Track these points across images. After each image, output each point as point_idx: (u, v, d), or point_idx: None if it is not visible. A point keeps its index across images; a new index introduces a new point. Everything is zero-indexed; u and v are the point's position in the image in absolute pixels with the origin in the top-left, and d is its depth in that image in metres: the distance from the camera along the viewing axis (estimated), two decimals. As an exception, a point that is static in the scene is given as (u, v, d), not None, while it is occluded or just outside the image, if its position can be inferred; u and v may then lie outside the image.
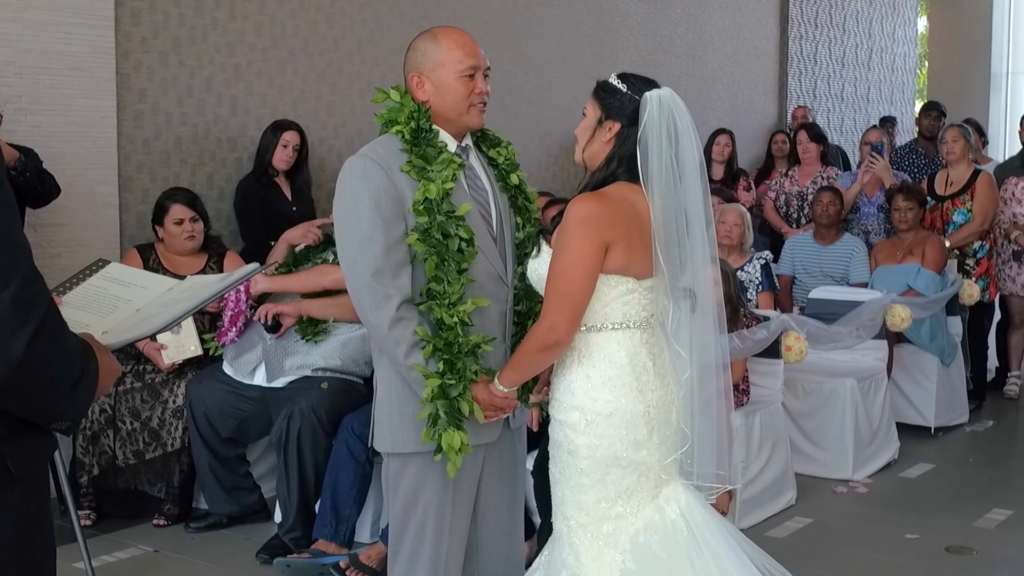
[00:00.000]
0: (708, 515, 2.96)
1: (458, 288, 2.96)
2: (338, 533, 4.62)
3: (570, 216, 2.85)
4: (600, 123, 2.96)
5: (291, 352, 4.94)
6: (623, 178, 2.93)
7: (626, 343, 2.92)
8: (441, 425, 2.94)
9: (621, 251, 2.86)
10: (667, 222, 2.88)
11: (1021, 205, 7.68)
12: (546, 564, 3.04)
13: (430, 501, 3.08)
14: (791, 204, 8.26)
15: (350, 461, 4.60)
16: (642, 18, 9.41)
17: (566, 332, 2.86)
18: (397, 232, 2.98)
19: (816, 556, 4.87)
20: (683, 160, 2.91)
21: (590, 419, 2.90)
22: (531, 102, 8.21)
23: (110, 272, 2.60)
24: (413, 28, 7.16)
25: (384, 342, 2.99)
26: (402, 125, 3.05)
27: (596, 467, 2.91)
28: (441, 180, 2.98)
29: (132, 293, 2.52)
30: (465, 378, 2.95)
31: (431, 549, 3.10)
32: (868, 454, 6.11)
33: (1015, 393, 7.98)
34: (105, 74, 5.68)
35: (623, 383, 2.90)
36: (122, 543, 4.96)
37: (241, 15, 6.38)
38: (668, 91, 2.94)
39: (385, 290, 2.94)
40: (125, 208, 5.85)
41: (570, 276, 2.84)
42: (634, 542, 2.91)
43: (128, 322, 2.39)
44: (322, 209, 6.40)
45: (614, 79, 2.98)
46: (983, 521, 5.34)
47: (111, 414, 5.12)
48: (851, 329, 6.14)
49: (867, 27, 12.61)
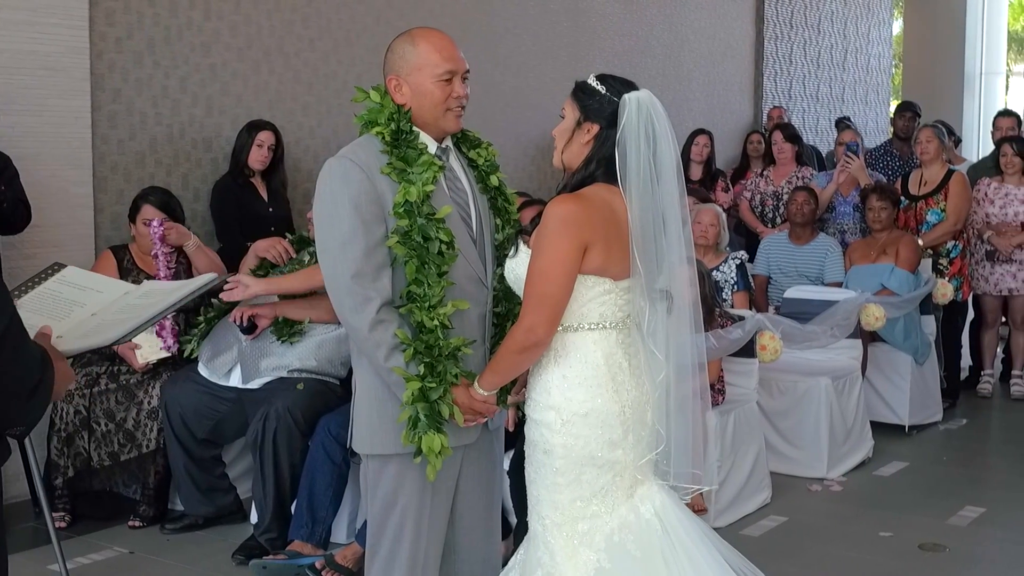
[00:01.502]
0: (682, 515, 2.98)
1: (438, 291, 2.97)
2: (314, 534, 4.62)
3: (549, 217, 2.86)
4: (579, 125, 2.97)
5: (267, 353, 4.92)
6: (601, 179, 2.94)
7: (602, 343, 2.93)
8: (421, 428, 2.95)
9: (599, 252, 2.87)
10: (644, 223, 2.90)
11: (994, 205, 7.74)
12: (522, 563, 3.06)
13: (409, 502, 3.08)
14: (766, 204, 8.30)
15: (326, 462, 4.61)
16: (618, 19, 9.43)
17: (545, 333, 2.87)
18: (377, 234, 2.98)
19: (790, 554, 4.90)
20: (661, 161, 2.92)
21: (566, 419, 2.91)
22: (507, 102, 8.22)
23: (66, 276, 2.59)
24: (389, 28, 7.22)
25: (364, 344, 2.99)
26: (382, 127, 3.05)
27: (571, 466, 2.92)
28: (421, 183, 2.98)
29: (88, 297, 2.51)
30: (445, 381, 2.96)
31: (409, 550, 3.10)
32: (842, 453, 6.15)
33: (988, 391, 8.05)
34: (79, 74, 5.66)
35: (599, 383, 2.91)
36: (97, 545, 4.94)
37: (216, 15, 6.36)
38: (646, 93, 2.95)
39: (365, 293, 2.94)
40: (100, 209, 5.83)
41: (549, 277, 2.85)
42: (609, 541, 2.92)
43: (83, 327, 2.39)
44: (298, 210, 6.39)
45: (593, 80, 2.99)
46: (956, 519, 5.38)
47: (86, 415, 5.10)
48: (826, 328, 6.18)
49: (842, 28, 12.67)
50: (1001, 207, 7.73)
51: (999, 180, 7.81)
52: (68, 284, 2.55)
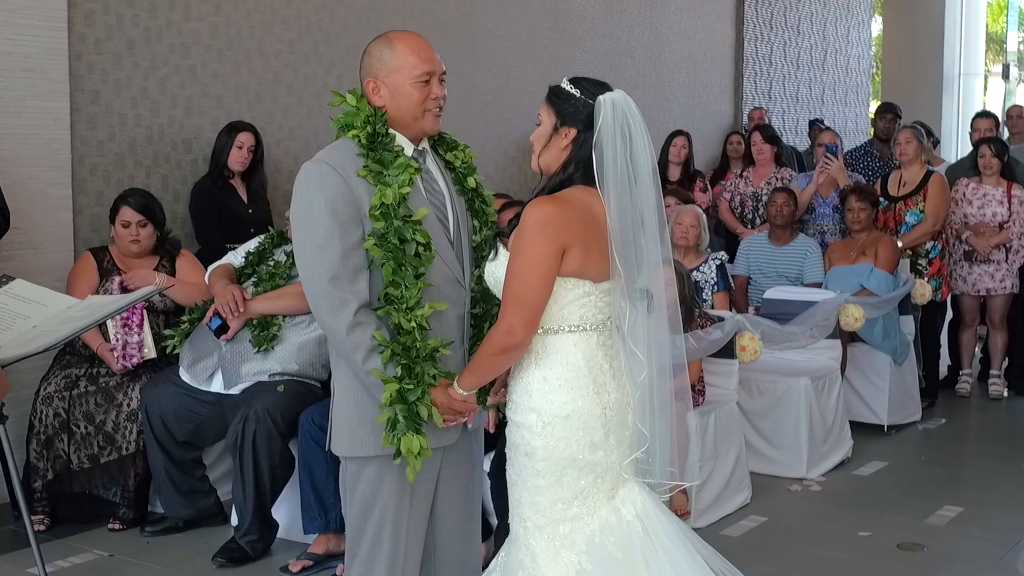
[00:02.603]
0: (663, 517, 2.99)
1: (415, 293, 2.97)
2: (329, 523, 4.64)
3: (527, 219, 2.87)
4: (556, 129, 2.98)
5: (247, 359, 4.90)
6: (579, 182, 2.94)
7: (583, 345, 2.94)
8: (400, 429, 2.95)
9: (578, 254, 2.88)
10: (623, 224, 2.91)
11: (972, 206, 7.79)
12: (503, 565, 3.06)
13: (388, 504, 3.09)
14: (746, 205, 8.33)
15: (318, 451, 4.56)
16: (599, 20, 9.45)
17: (524, 335, 2.88)
18: (354, 237, 2.98)
19: (770, 554, 4.92)
20: (637, 161, 2.93)
21: (547, 421, 2.92)
22: (488, 103, 8.23)
23: (13, 288, 2.60)
24: (369, 30, 7.21)
25: (342, 347, 3.00)
26: (358, 129, 3.06)
27: (552, 469, 2.93)
28: (398, 184, 2.99)
29: (31, 310, 2.52)
30: (423, 383, 2.96)
31: (389, 551, 3.11)
32: (822, 452, 6.18)
33: (967, 391, 8.10)
34: (58, 76, 5.64)
35: (579, 385, 2.92)
36: (77, 548, 4.92)
37: (196, 16, 6.35)
38: (620, 93, 2.96)
39: (343, 295, 2.95)
40: (79, 210, 5.81)
41: (527, 279, 2.85)
42: (590, 543, 2.93)
43: (23, 338, 2.40)
44: (278, 211, 6.38)
45: (566, 84, 2.99)
46: (934, 518, 5.42)
47: (65, 418, 5.08)
48: (805, 329, 6.20)
49: (821, 29, 12.72)
50: (979, 208, 7.77)
51: (977, 181, 7.85)
52: (14, 297, 2.56)
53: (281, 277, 4.88)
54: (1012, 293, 7.87)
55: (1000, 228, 7.71)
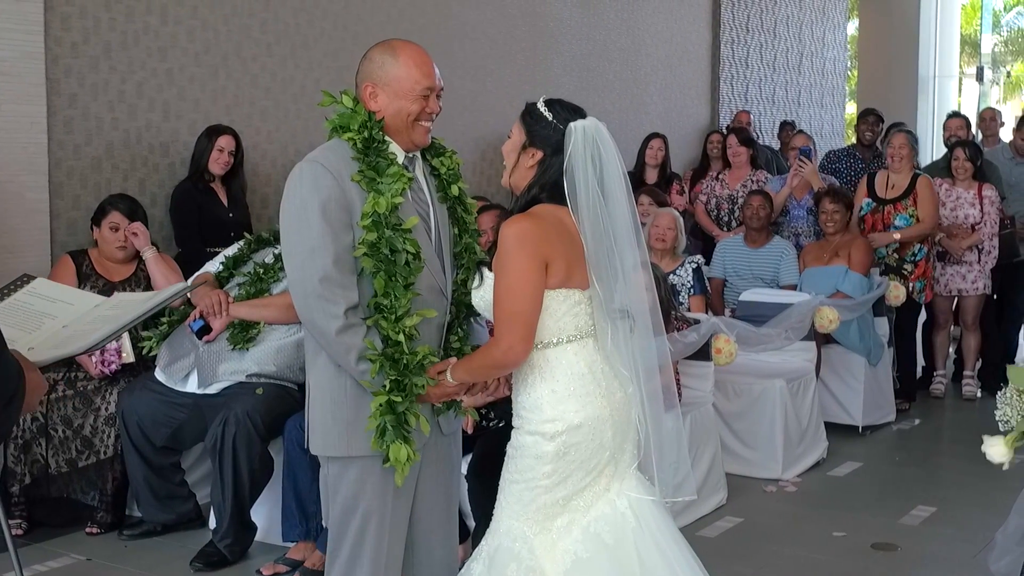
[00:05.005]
0: (656, 510, 3.05)
1: (404, 302, 3.01)
2: (309, 532, 4.66)
3: (505, 238, 2.92)
4: (524, 148, 3.05)
5: (224, 358, 4.91)
6: (546, 202, 3.01)
7: (583, 353, 3.01)
8: (388, 437, 2.99)
9: (560, 266, 2.95)
10: (598, 245, 2.97)
11: (945, 207, 7.85)
12: (489, 555, 3.06)
13: (370, 505, 3.11)
14: (722, 207, 8.37)
15: (303, 458, 4.57)
16: (576, 23, 9.48)
17: (523, 350, 2.94)
18: (346, 241, 3.01)
19: (745, 555, 4.96)
20: (608, 187, 2.99)
21: (560, 430, 2.97)
22: (465, 106, 8.25)
23: (36, 288, 2.61)
24: (347, 33, 7.24)
25: (334, 348, 3.01)
26: (354, 133, 3.08)
27: (561, 470, 2.99)
28: (391, 194, 3.02)
29: (58, 309, 2.53)
30: (411, 394, 3.00)
31: (371, 553, 3.13)
32: (797, 453, 6.23)
33: (941, 392, 8.17)
34: (35, 79, 5.63)
35: (587, 392, 2.99)
36: (54, 552, 4.92)
37: (173, 20, 6.35)
38: (592, 120, 3.02)
39: (333, 297, 2.97)
40: (56, 214, 5.80)
41: (515, 295, 2.91)
42: (585, 532, 3.00)
43: (55, 339, 2.41)
44: (256, 215, 6.39)
45: (541, 105, 3.05)
46: (908, 518, 5.47)
47: (43, 422, 5.07)
48: (780, 331, 6.25)
49: (797, 31, 12.80)
50: (952, 209, 7.84)
51: (950, 182, 7.90)
52: (38, 296, 2.57)
53: (270, 279, 4.88)
54: (984, 294, 7.94)
55: (972, 230, 7.78)
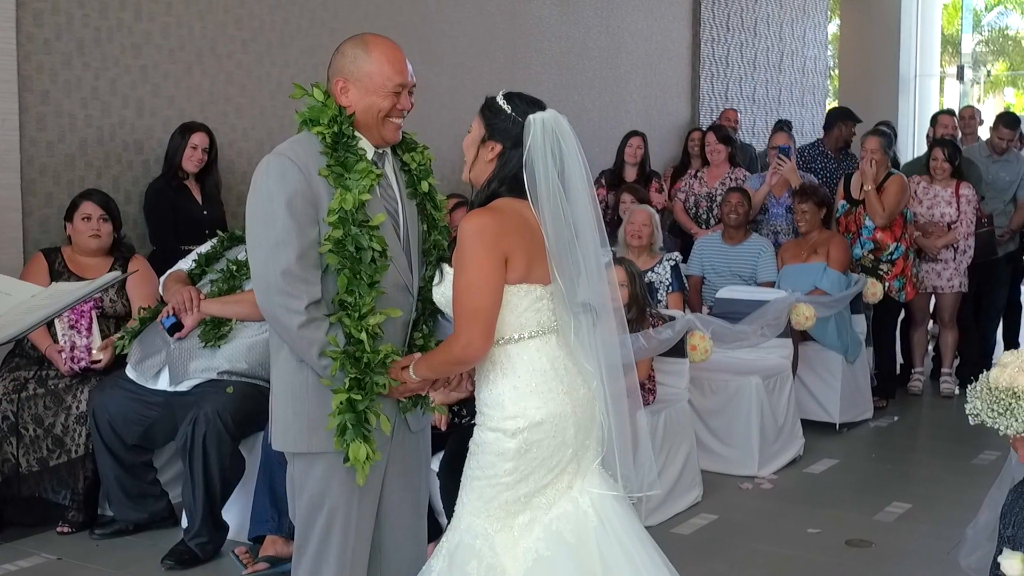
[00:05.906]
0: (619, 508, 3.04)
1: (369, 300, 2.99)
2: (282, 526, 4.62)
3: (464, 234, 2.90)
4: (483, 142, 3.03)
5: (195, 356, 4.89)
6: (506, 195, 2.99)
7: (545, 349, 2.99)
8: (349, 436, 2.97)
9: (520, 261, 2.92)
10: (559, 240, 2.95)
11: (922, 205, 7.87)
12: (450, 552, 3.03)
13: (336, 502, 3.10)
14: (700, 205, 8.37)
15: (281, 455, 4.54)
16: (555, 21, 9.47)
17: (483, 346, 2.92)
18: (311, 236, 2.98)
19: (720, 552, 4.95)
20: (569, 180, 2.97)
21: (522, 426, 2.95)
22: (444, 104, 8.23)
23: None
24: (323, 30, 7.21)
25: (297, 343, 3.00)
26: (324, 127, 3.05)
27: (522, 467, 2.97)
28: (358, 190, 2.99)
29: None
30: (371, 393, 2.98)
31: (337, 549, 3.12)
32: (773, 451, 6.23)
33: (919, 389, 8.19)
34: (6, 76, 5.59)
35: (549, 388, 2.97)
36: (25, 551, 4.89)
37: (147, 16, 6.31)
38: (552, 113, 3.00)
39: (296, 292, 2.95)
40: (28, 212, 5.77)
41: (474, 291, 2.89)
42: (547, 530, 2.98)
43: None
44: (231, 212, 6.36)
45: (500, 99, 3.03)
46: (883, 515, 5.48)
47: (14, 421, 5.04)
48: (755, 328, 6.25)
49: (778, 30, 12.82)
50: (928, 208, 7.85)
51: (928, 180, 7.93)
52: None
53: (243, 276, 4.85)
54: (961, 292, 7.96)
55: (948, 228, 7.79)
